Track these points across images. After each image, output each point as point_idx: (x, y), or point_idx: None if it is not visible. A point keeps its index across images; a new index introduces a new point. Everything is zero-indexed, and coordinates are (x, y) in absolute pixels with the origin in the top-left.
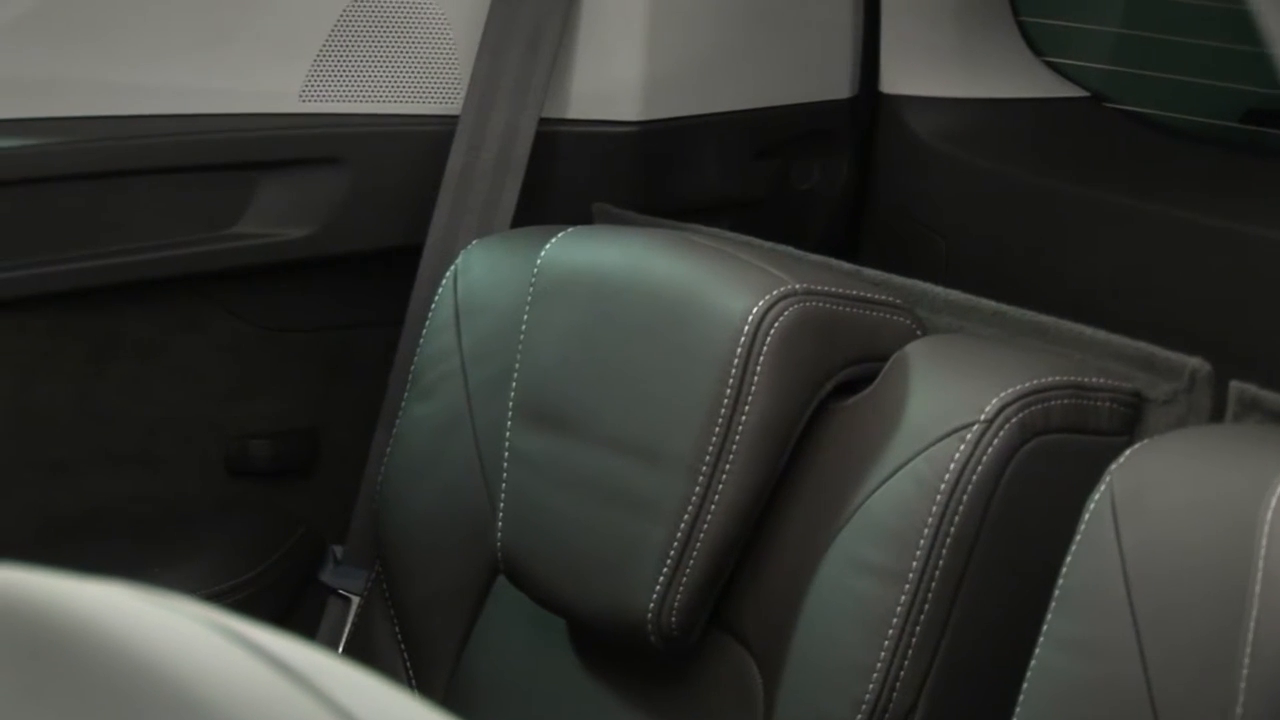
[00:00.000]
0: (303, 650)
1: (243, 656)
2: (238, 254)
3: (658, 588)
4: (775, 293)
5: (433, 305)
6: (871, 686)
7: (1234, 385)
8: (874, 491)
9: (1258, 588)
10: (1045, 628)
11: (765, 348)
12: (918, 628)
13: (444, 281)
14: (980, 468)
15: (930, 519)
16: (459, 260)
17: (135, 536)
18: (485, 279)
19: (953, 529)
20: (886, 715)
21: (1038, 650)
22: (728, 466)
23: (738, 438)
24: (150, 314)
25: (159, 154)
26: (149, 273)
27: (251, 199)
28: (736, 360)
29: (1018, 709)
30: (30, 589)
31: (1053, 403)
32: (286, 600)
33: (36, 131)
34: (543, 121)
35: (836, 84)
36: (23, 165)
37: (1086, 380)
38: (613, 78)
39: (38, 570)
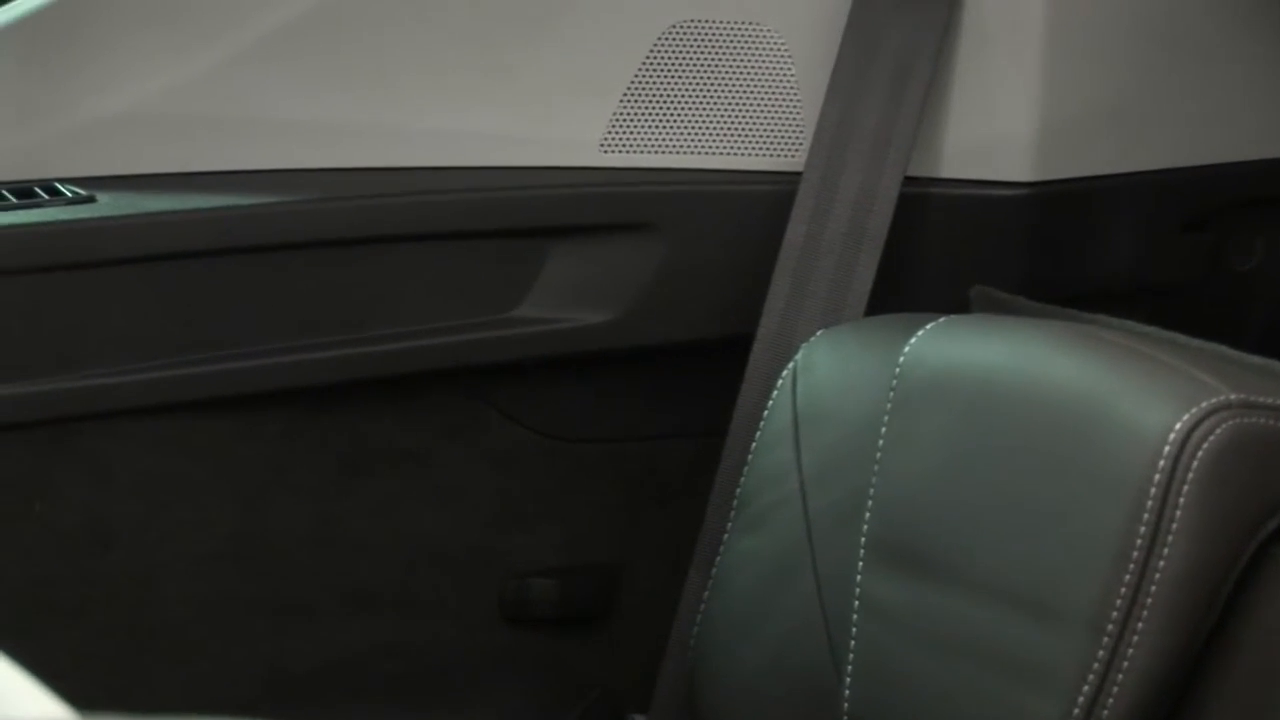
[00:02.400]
0: None
1: None
2: (520, 344)
3: None
4: (1204, 405)
5: (765, 412)
6: None
7: None
8: None
9: None
10: None
11: (1190, 475)
12: None
13: (780, 382)
14: None
15: None
16: (799, 355)
17: (386, 696)
18: (832, 380)
19: None
20: None
21: None
22: (1140, 625)
23: (1153, 589)
24: (409, 417)
25: (428, 216)
26: (410, 365)
27: (538, 275)
28: (1154, 490)
29: None
30: None
31: None
32: None
33: (279, 186)
34: (907, 182)
35: None
36: (262, 228)
37: None
38: (997, 128)
39: None
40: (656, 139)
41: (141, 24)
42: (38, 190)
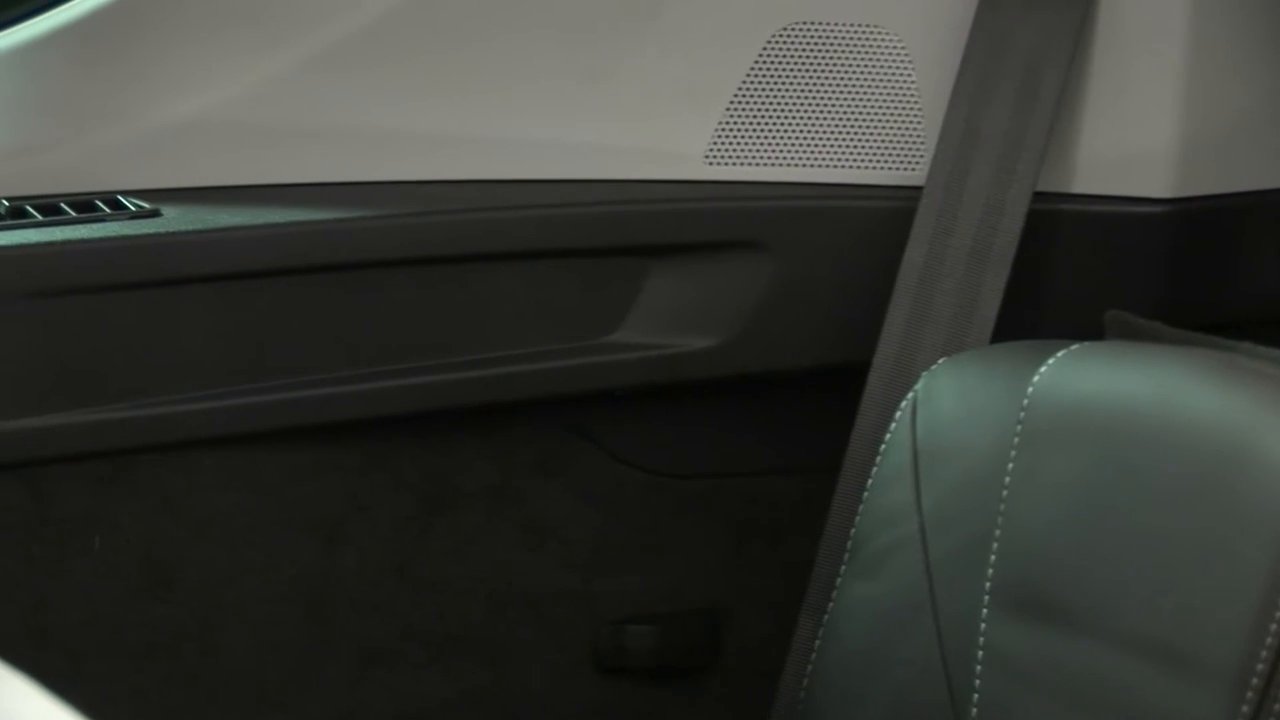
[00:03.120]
0: None
1: None
2: (617, 371)
3: None
4: None
5: (881, 447)
6: None
7: None
8: None
9: None
10: None
11: None
12: None
13: (898, 414)
14: None
15: None
16: (919, 385)
17: None
18: (955, 412)
19: None
20: None
21: None
22: None
23: None
24: (497, 450)
25: (518, 232)
26: (498, 394)
27: (637, 296)
28: None
29: None
30: None
31: None
32: None
33: (358, 200)
34: (1036, 197)
35: None
36: (339, 245)
37: None
38: (1134, 139)
39: None
40: (765, 150)
41: (211, 25)
42: (99, 203)
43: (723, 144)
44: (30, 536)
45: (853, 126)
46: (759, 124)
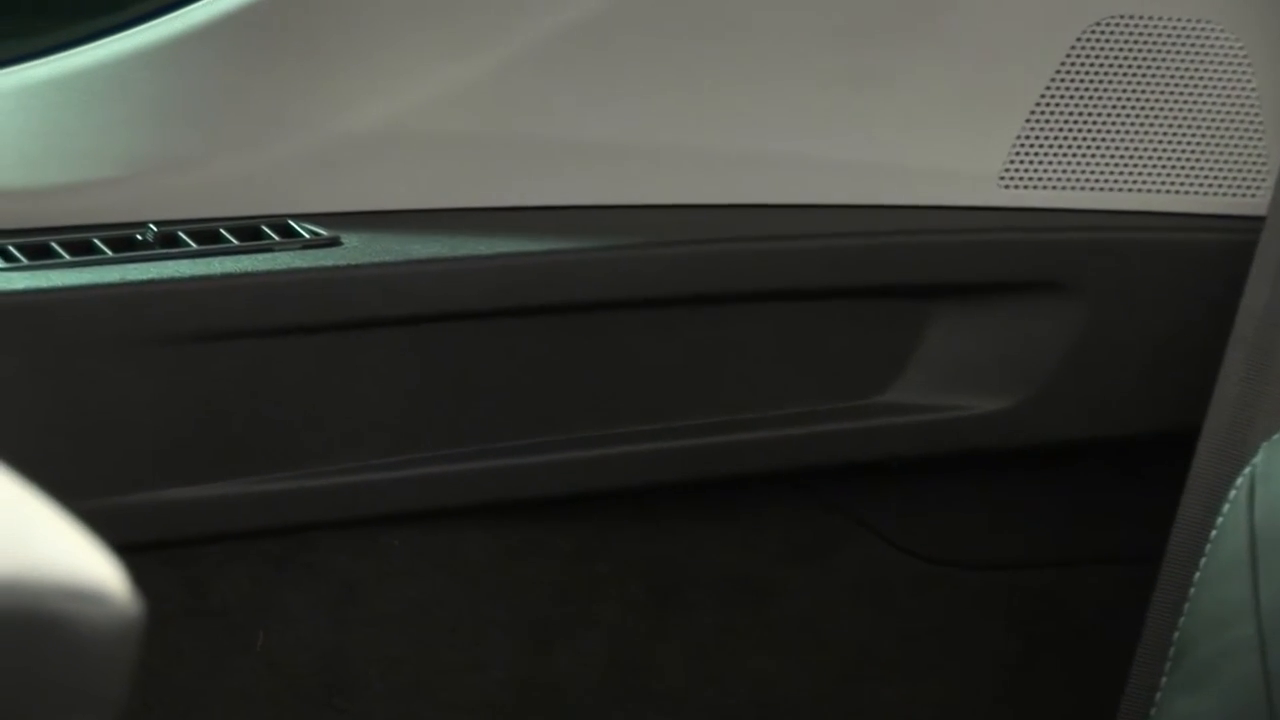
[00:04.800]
0: None
1: None
2: (889, 438)
3: None
4: None
5: (1211, 533)
6: None
7: None
8: None
9: None
10: None
11: None
12: None
13: (1231, 494)
14: None
15: None
16: (1258, 459)
17: None
18: None
19: None
20: None
21: None
22: None
23: None
24: (742, 533)
25: (771, 268)
26: (744, 465)
27: (915, 348)
28: None
29: None
30: None
31: None
32: None
33: (571, 229)
34: None
35: None
36: (552, 282)
37: None
38: None
39: None
40: (1072, 172)
41: (403, 18)
42: (266, 229)
43: (1021, 163)
44: (182, 630)
45: (1177, 143)
46: (1065, 139)
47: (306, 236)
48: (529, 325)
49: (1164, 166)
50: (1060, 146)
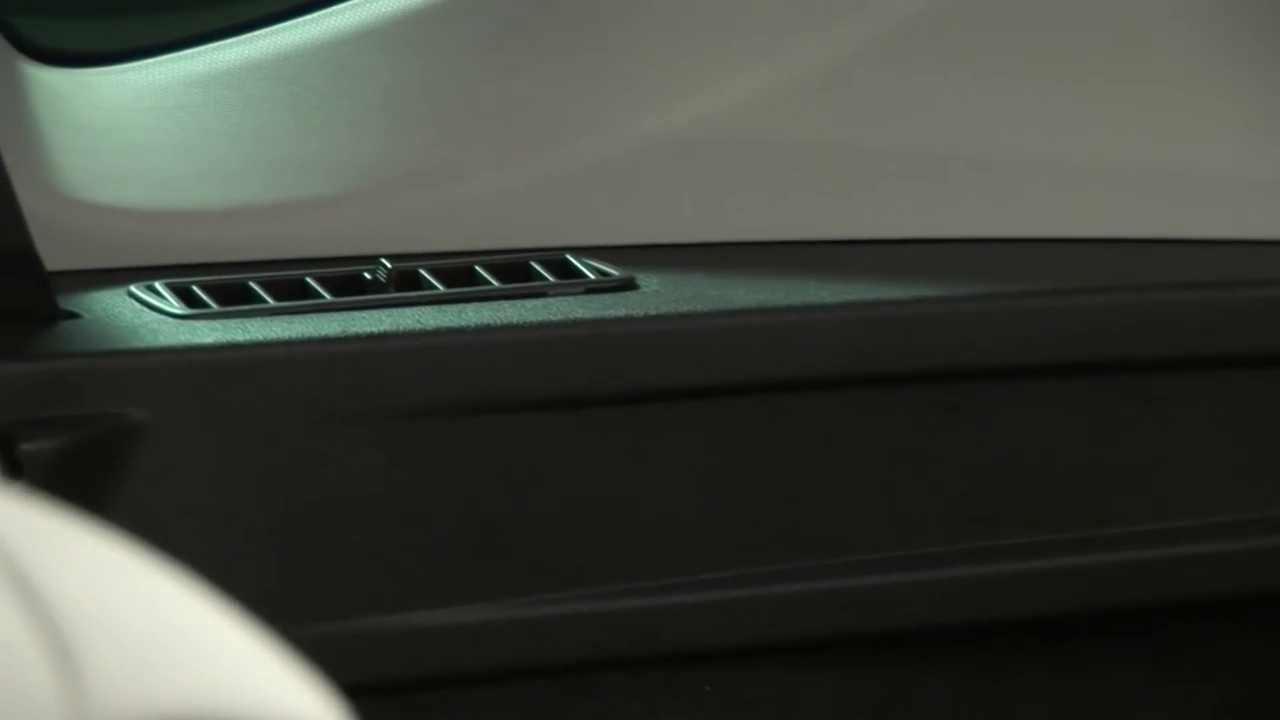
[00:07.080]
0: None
1: None
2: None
3: None
4: None
5: None
6: None
7: None
8: None
9: None
10: None
11: None
12: None
13: None
14: None
15: None
16: None
17: None
18: None
19: None
20: None
21: None
22: None
23: None
24: (1175, 677)
25: (1219, 324)
26: (1184, 587)
27: None
28: None
29: None
30: None
31: None
32: None
33: (950, 266)
34: None
35: None
36: (911, 340)
37: None
38: None
39: None
40: None
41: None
42: (536, 267)
43: None
44: None
45: None
46: None
47: (592, 277)
48: (889, 397)
49: None
50: None
